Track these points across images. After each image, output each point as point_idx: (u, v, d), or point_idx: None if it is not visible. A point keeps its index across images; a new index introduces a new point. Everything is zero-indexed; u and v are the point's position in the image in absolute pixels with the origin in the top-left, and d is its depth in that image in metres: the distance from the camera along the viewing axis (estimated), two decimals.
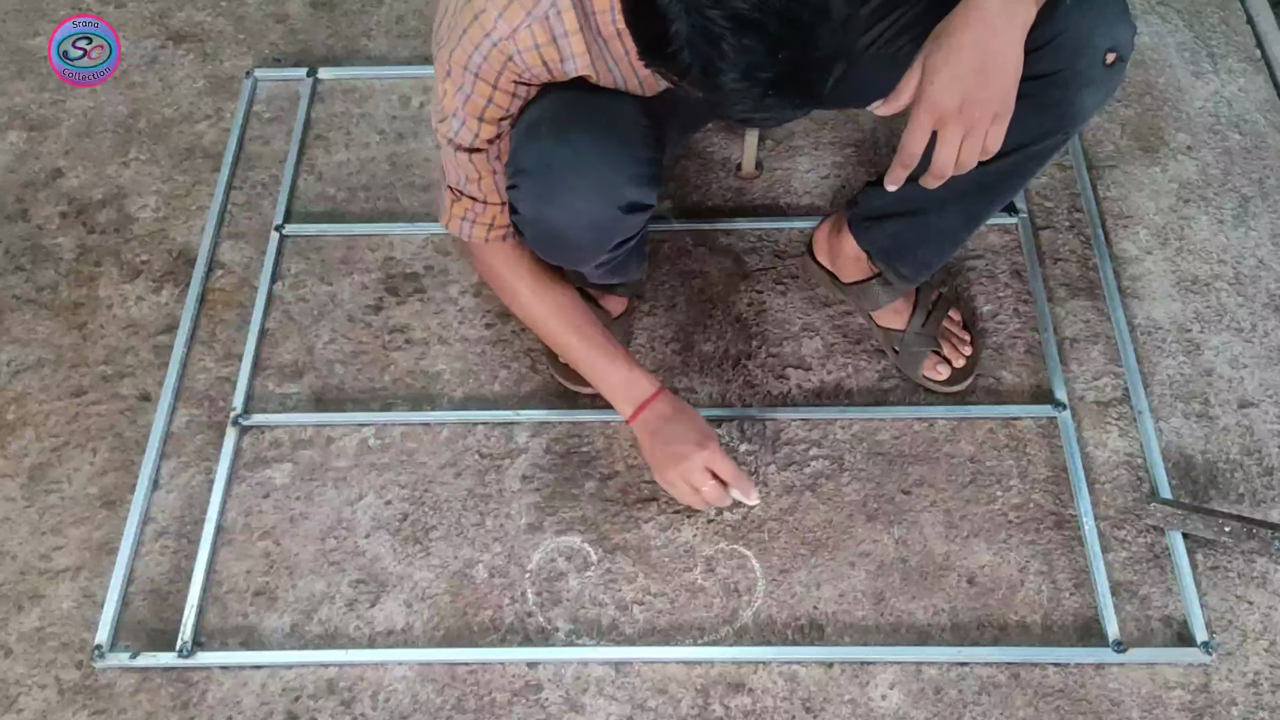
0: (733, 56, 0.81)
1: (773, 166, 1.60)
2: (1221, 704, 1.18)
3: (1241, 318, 1.46)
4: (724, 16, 0.80)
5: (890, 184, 1.05)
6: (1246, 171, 1.59)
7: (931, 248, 1.29)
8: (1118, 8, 1.03)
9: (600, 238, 1.13)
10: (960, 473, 1.34)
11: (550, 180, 1.06)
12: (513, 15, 0.98)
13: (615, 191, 1.07)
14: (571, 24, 0.99)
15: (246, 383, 1.41)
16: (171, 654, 1.22)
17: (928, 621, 1.24)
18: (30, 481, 1.35)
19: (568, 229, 1.09)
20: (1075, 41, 1.00)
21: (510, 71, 1.03)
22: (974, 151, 0.98)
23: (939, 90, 0.95)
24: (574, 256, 1.18)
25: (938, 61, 0.95)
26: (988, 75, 0.94)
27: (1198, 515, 1.25)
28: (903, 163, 1.02)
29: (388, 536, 1.31)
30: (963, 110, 0.95)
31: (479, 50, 1.01)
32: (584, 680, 1.21)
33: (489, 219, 1.16)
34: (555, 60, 1.02)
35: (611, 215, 1.08)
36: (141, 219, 1.58)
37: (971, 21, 0.93)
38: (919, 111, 0.97)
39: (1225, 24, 1.75)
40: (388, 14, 1.81)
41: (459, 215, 1.16)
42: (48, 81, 1.73)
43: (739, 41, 0.81)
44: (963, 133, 0.97)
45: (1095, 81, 1.04)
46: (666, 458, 1.19)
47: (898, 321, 1.39)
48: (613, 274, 1.27)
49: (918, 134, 0.98)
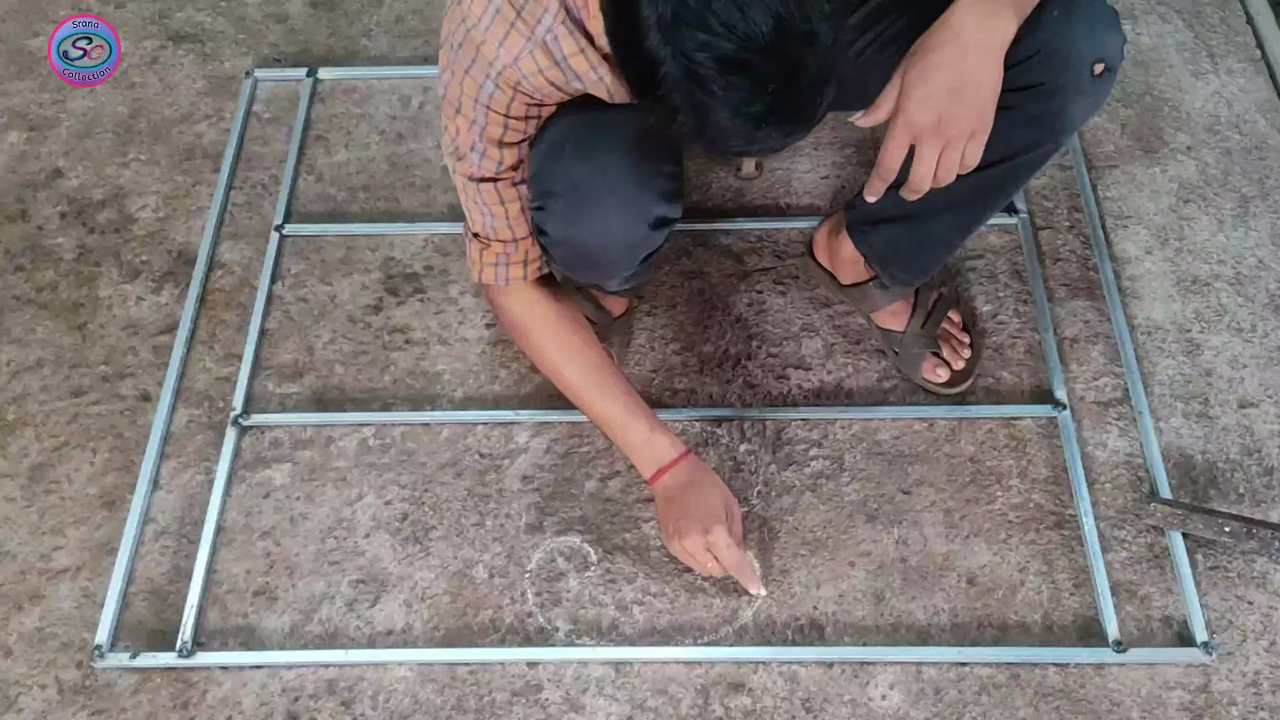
0: (721, 95, 0.81)
1: (773, 166, 1.60)
2: (1221, 704, 1.18)
3: (1241, 318, 1.46)
4: (711, 59, 0.80)
5: (869, 195, 1.05)
6: (1246, 171, 1.59)
7: (927, 253, 1.29)
8: (1106, 18, 1.02)
9: (630, 255, 1.13)
10: (960, 473, 1.34)
11: (579, 201, 1.05)
12: (513, 44, 0.98)
13: (644, 209, 1.07)
14: (570, 48, 0.98)
15: (246, 383, 1.41)
16: (171, 654, 1.22)
17: (928, 621, 1.24)
18: (30, 481, 1.35)
19: (599, 248, 1.09)
20: (1062, 53, 1.00)
21: (521, 98, 1.03)
22: (951, 167, 0.98)
23: (915, 108, 0.95)
24: (603, 274, 1.18)
25: (914, 78, 0.95)
26: (963, 94, 0.94)
27: (1198, 515, 1.25)
28: (880, 176, 1.02)
29: (388, 536, 1.31)
30: (939, 127, 0.95)
31: (488, 81, 1.01)
32: (584, 680, 1.21)
33: (522, 256, 1.14)
34: (562, 80, 1.01)
35: (641, 232, 1.08)
36: (141, 219, 1.58)
37: (948, 40, 0.93)
38: (896, 127, 0.97)
39: (1225, 24, 1.75)
40: (388, 14, 1.81)
41: (490, 263, 1.15)
42: (48, 81, 1.73)
43: (726, 80, 0.81)
44: (939, 148, 0.97)
45: (1083, 93, 1.03)
46: (675, 530, 1.17)
47: (897, 323, 1.39)
48: (628, 283, 1.27)
49: (894, 149, 0.99)
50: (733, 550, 1.16)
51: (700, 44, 0.79)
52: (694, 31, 0.79)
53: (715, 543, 1.15)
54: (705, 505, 1.17)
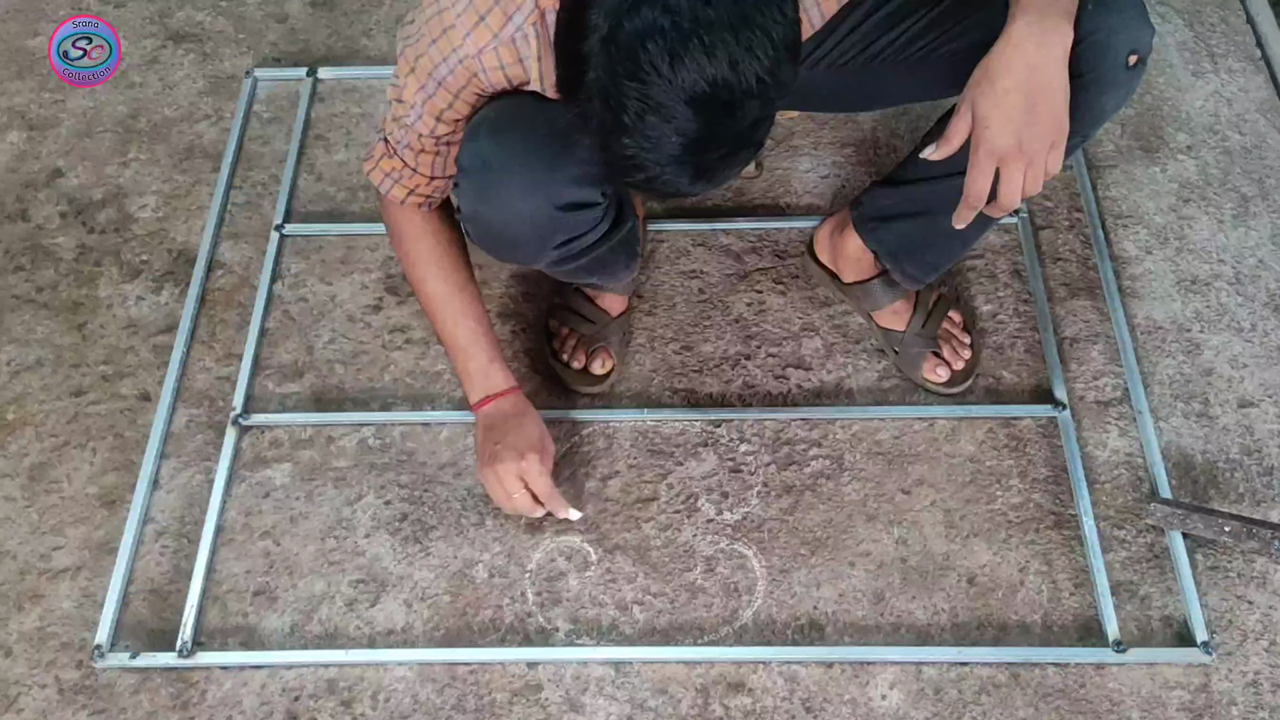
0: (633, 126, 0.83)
1: (773, 166, 1.60)
2: (1221, 704, 1.18)
3: (1241, 318, 1.46)
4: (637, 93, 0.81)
5: (958, 223, 1.05)
6: (1246, 171, 1.59)
7: (940, 249, 1.29)
8: (1137, 9, 1.03)
9: (541, 236, 1.12)
10: (960, 472, 1.34)
11: (487, 178, 1.07)
12: (480, 36, 1.00)
13: (552, 190, 1.07)
14: (536, 49, 1.01)
15: (246, 383, 1.41)
16: (171, 654, 1.22)
17: (928, 621, 1.24)
18: (30, 481, 1.35)
19: (505, 227, 1.11)
20: (1099, 45, 1.00)
21: (474, 86, 1.06)
22: (1037, 180, 0.99)
23: (995, 135, 0.96)
24: (517, 254, 1.18)
25: (987, 108, 0.95)
26: (1038, 112, 0.94)
27: (1198, 515, 1.25)
28: (971, 205, 1.02)
29: (388, 536, 1.31)
30: (1021, 148, 0.96)
31: (445, 63, 1.04)
32: (584, 680, 1.21)
33: (411, 185, 1.17)
34: (520, 78, 1.04)
35: (549, 213, 1.08)
36: (141, 219, 1.58)
37: (1012, 63, 0.93)
38: (979, 157, 0.98)
39: (1225, 24, 1.75)
40: (388, 14, 1.81)
41: (385, 170, 1.17)
42: (48, 81, 1.73)
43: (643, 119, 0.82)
44: (1025, 166, 0.97)
45: (1117, 84, 1.04)
46: (488, 454, 1.21)
47: (898, 322, 1.39)
48: (590, 272, 1.27)
49: (981, 178, 0.99)
50: (544, 478, 1.21)
51: (629, 72, 0.81)
52: (626, 62, 0.81)
53: (528, 469, 1.20)
54: (523, 435, 1.22)
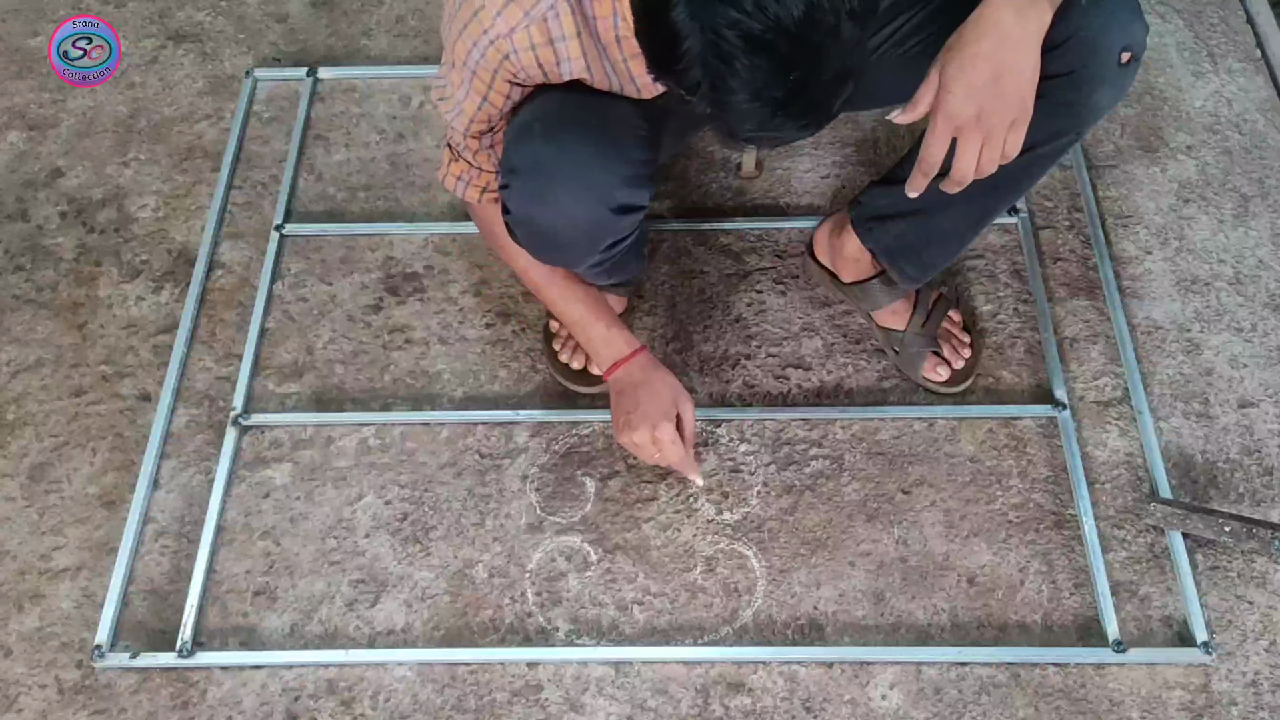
0: (744, 75, 0.81)
1: (773, 166, 1.60)
2: (1221, 704, 1.18)
3: (1241, 318, 1.46)
4: (738, 36, 0.80)
5: (911, 191, 1.05)
6: (1246, 171, 1.59)
7: (937, 248, 1.29)
8: (1131, 6, 1.03)
9: (591, 238, 1.13)
10: (960, 472, 1.34)
11: (540, 181, 1.06)
12: (511, 15, 0.99)
13: (606, 192, 1.07)
14: (570, 28, 0.99)
15: (246, 383, 1.41)
16: (171, 654, 1.22)
17: (928, 621, 1.24)
18: (30, 481, 1.35)
19: (558, 230, 1.10)
20: (1091, 41, 1.00)
21: (505, 71, 1.03)
22: (993, 158, 0.98)
23: (956, 101, 0.95)
24: (565, 257, 1.18)
25: (954, 72, 0.95)
26: (1003, 84, 0.94)
27: (1198, 515, 1.25)
28: (924, 171, 1.02)
29: (388, 536, 1.31)
30: (980, 119, 0.96)
31: (477, 47, 1.02)
32: (584, 680, 1.21)
33: (482, 184, 1.18)
34: (551, 62, 1.02)
35: (602, 216, 1.08)
36: (141, 219, 1.58)
37: (986, 31, 0.93)
38: (937, 121, 0.98)
39: (1225, 24, 1.75)
40: (388, 14, 1.81)
41: (455, 174, 1.19)
42: (48, 81, 1.73)
43: (750, 61, 0.80)
44: (981, 140, 0.97)
45: (1110, 81, 1.04)
46: (625, 423, 1.22)
47: (898, 322, 1.39)
48: (609, 274, 1.28)
49: (937, 143, 0.99)
50: (676, 446, 1.21)
51: (729, 21, 0.79)
52: (724, 8, 0.79)
53: (661, 439, 1.21)
54: (656, 401, 1.22)
